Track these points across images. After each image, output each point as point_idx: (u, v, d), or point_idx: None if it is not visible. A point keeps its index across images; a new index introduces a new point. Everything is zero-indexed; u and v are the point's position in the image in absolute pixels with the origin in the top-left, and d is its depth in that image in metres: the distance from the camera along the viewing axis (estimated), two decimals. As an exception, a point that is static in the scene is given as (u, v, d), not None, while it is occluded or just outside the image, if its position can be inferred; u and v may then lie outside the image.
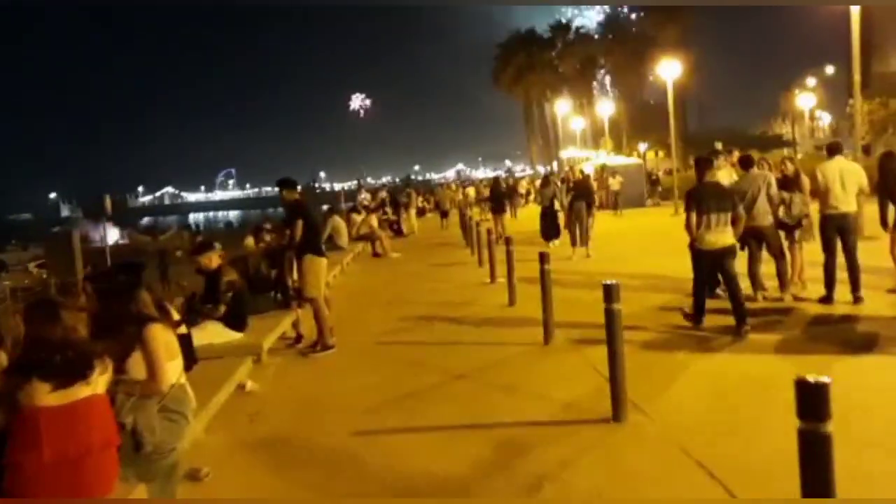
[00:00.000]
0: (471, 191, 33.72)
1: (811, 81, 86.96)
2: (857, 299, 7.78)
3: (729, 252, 7.24)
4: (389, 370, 7.02)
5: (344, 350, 7.90)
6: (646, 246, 15.37)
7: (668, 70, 23.55)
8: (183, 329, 5.94)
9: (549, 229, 16.46)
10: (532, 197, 32.41)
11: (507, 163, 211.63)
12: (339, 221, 15.40)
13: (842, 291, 7.95)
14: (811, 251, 8.68)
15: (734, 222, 7.25)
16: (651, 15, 48.08)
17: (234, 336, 7.13)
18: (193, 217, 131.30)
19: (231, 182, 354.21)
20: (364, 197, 24.45)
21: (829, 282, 7.92)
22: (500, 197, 20.41)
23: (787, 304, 8.16)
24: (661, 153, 69.67)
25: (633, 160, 31.36)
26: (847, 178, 7.75)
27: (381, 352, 7.86)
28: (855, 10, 13.45)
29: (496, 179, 22.58)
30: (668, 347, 6.92)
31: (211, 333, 6.90)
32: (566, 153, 62.22)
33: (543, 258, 7.71)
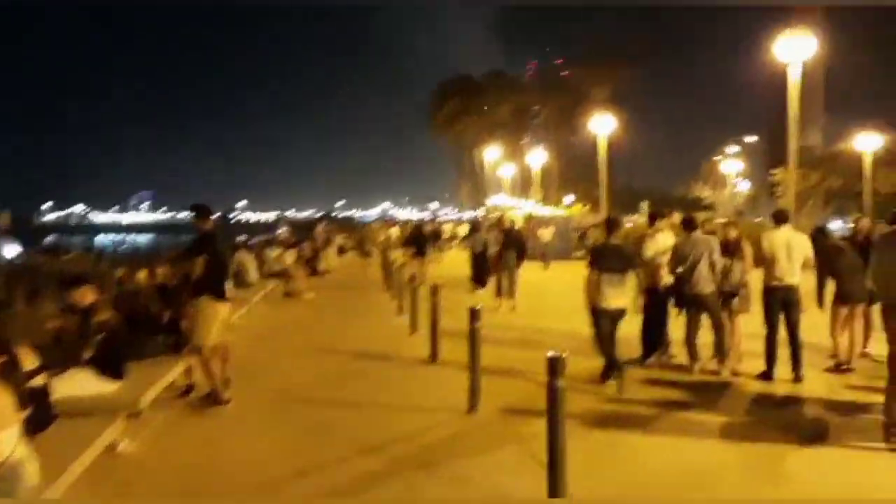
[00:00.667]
0: (394, 231, 32.97)
1: (732, 149, 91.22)
2: (797, 377, 7.35)
3: (622, 313, 7.61)
4: (290, 435, 6.10)
5: (241, 405, 6.94)
6: (576, 302, 14.85)
7: (602, 124, 23.57)
8: (40, 380, 4.95)
9: (481, 274, 16.65)
10: (456, 241, 31.84)
11: (434, 205, 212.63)
12: (245, 257, 14.32)
13: (780, 368, 7.52)
14: (745, 323, 8.28)
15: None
16: (586, 71, 49.01)
17: (107, 386, 6.05)
18: (102, 239, 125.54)
19: (145, 205, 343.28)
20: (282, 231, 23.34)
21: (771, 357, 7.47)
22: (421, 241, 19.83)
23: (723, 379, 7.66)
24: (587, 207, 70.88)
25: (563, 212, 31.34)
26: (793, 249, 7.37)
27: (284, 411, 6.91)
28: (795, 79, 13.48)
29: (418, 224, 22.11)
30: (603, 424, 6.25)
31: (78, 383, 5.81)
32: (494, 200, 62.48)
33: (474, 315, 7.04)
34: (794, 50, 12.91)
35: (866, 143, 24.50)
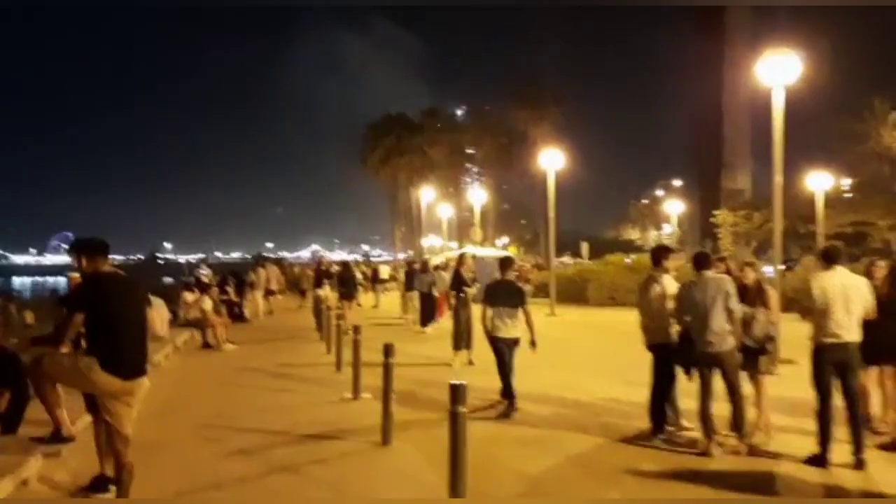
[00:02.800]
0: (332, 268, 30.92)
1: (659, 192, 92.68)
2: (859, 463, 5.73)
3: (515, 343, 8.30)
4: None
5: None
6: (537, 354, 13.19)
7: (550, 160, 22.26)
8: None
9: (429, 314, 16.93)
10: (396, 283, 29.75)
11: (364, 247, 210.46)
12: (156, 303, 12.07)
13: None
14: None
15: None
16: (521, 111, 48.24)
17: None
18: (19, 281, 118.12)
19: (65, 247, 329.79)
20: (204, 273, 20.99)
21: (825, 436, 5.83)
22: (350, 282, 18.32)
23: (763, 467, 5.99)
24: (520, 249, 70.13)
25: (505, 252, 29.84)
26: (851, 298, 5.77)
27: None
28: (779, 104, 12.29)
29: (346, 264, 20.33)
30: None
31: None
32: (428, 241, 60.89)
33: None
34: (778, 71, 11.68)
35: (818, 181, 23.94)
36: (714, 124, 61.23)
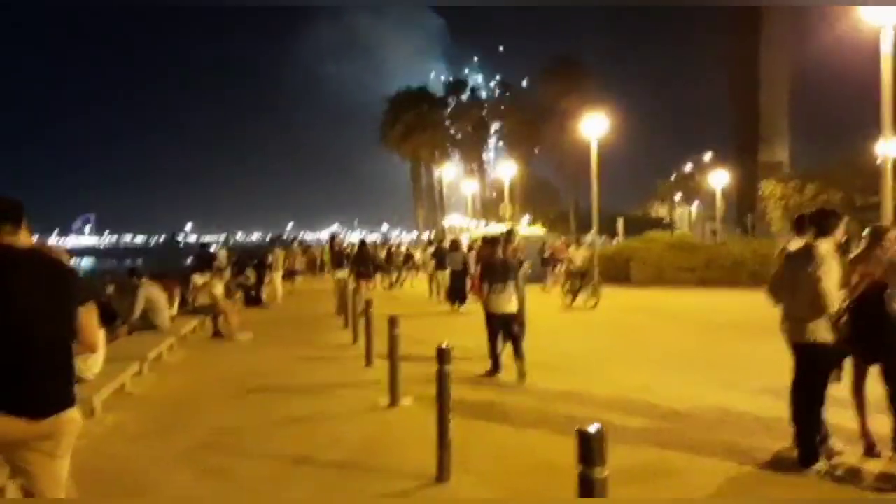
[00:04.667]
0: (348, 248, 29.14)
1: (688, 167, 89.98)
2: None
3: (511, 318, 8.47)
4: None
5: None
6: (600, 346, 11.45)
7: (593, 126, 20.33)
8: None
9: (460, 293, 16.49)
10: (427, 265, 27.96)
11: (385, 226, 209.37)
12: (154, 292, 10.43)
13: None
14: None
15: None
16: (550, 85, 46.11)
17: None
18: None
19: (88, 228, 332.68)
20: (214, 251, 19.39)
21: None
22: (367, 261, 16.75)
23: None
24: (545, 228, 67.91)
25: (536, 231, 28.07)
26: None
27: None
28: (887, 49, 10.36)
29: (362, 242, 18.50)
30: None
31: None
32: (450, 220, 59.10)
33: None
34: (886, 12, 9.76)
35: (887, 148, 21.72)
36: (751, 97, 58.52)
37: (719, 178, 37.38)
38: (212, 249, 20.16)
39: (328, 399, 7.41)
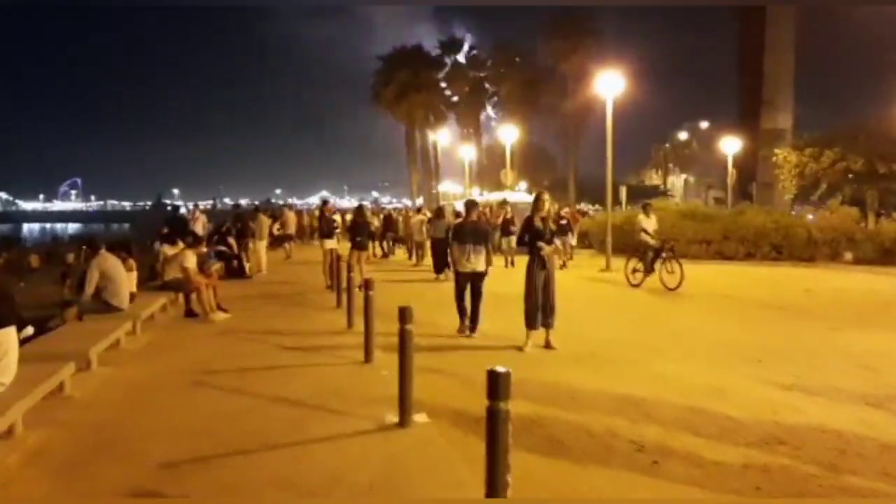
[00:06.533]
0: (338, 217, 27.19)
1: (683, 135, 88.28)
2: None
3: (480, 276, 9.15)
4: None
5: None
6: (619, 328, 9.91)
7: (609, 85, 18.55)
8: None
9: (443, 261, 16.01)
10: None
11: (374, 194, 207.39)
12: (110, 266, 8.74)
13: None
14: None
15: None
16: (551, 43, 44.01)
17: None
18: (28, 227, 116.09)
19: (74, 193, 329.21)
20: (195, 219, 17.72)
21: None
22: (364, 230, 14.94)
23: None
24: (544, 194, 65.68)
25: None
26: None
27: None
28: None
29: (359, 208, 16.46)
30: None
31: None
32: (444, 186, 57.23)
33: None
34: None
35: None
36: (756, 62, 56.53)
37: (730, 145, 35.63)
38: (194, 216, 18.48)
39: (318, 412, 5.79)
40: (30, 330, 5.60)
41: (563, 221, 19.73)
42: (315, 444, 4.96)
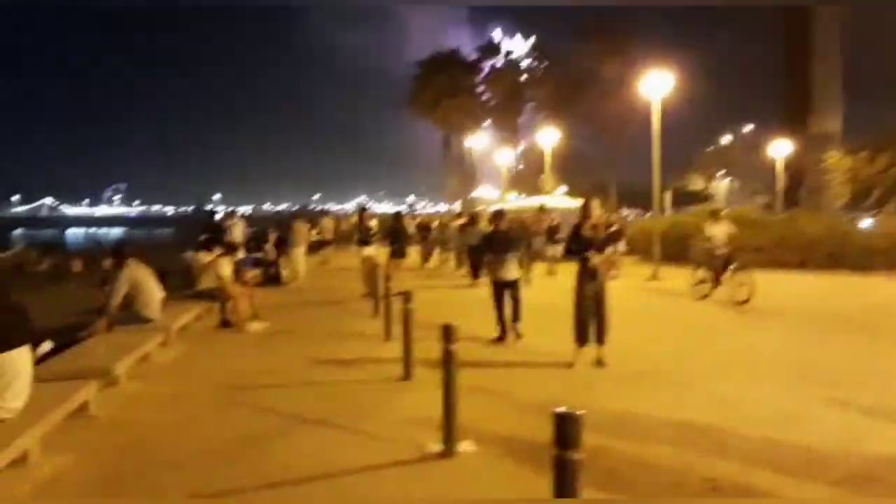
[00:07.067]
0: (374, 223, 26.73)
1: (726, 139, 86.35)
2: None
3: (515, 283, 9.12)
4: None
5: None
6: (674, 344, 9.30)
7: (656, 85, 17.90)
8: None
9: (476, 267, 16.16)
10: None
11: (410, 199, 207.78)
12: (140, 275, 8.44)
13: None
14: None
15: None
16: (590, 46, 43.32)
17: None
18: (72, 232, 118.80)
19: (118, 197, 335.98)
20: (232, 225, 17.51)
21: None
22: (401, 236, 14.62)
23: None
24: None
25: (578, 202, 25.73)
26: None
27: None
28: None
29: (397, 215, 16.01)
30: None
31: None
32: (478, 192, 56.69)
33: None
34: None
35: None
36: (803, 65, 55.03)
37: (780, 149, 34.51)
38: (229, 223, 18.28)
39: (354, 436, 5.36)
40: (47, 346, 5.25)
41: (614, 228, 19.01)
42: (350, 477, 4.52)
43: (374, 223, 18.58)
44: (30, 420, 4.50)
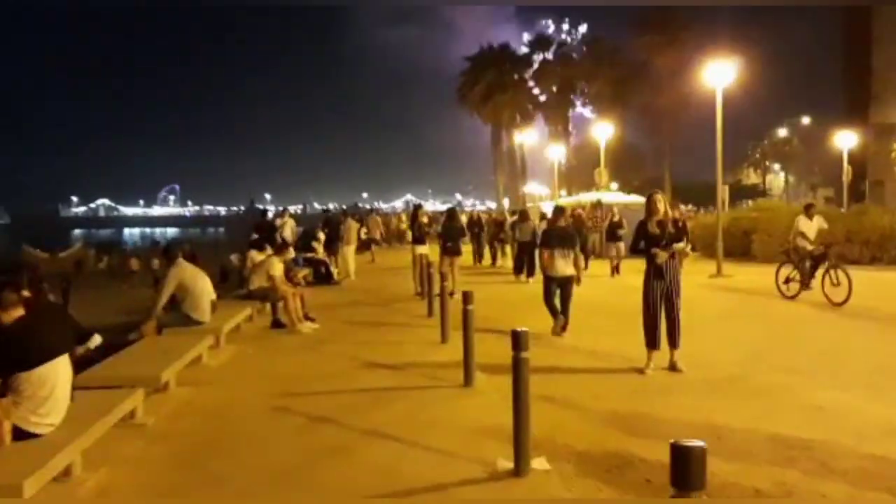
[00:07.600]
0: (424, 219, 26.07)
1: (783, 131, 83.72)
2: None
3: (569, 280, 9.14)
4: None
5: None
6: (753, 346, 8.65)
7: (719, 74, 17.11)
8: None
9: (529, 265, 16.12)
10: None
11: (458, 196, 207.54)
12: (189, 275, 8.18)
13: None
14: None
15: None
16: (644, 37, 42.26)
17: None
18: (129, 232, 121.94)
19: (172, 198, 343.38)
20: (283, 224, 17.35)
21: None
22: (455, 234, 13.97)
23: None
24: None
25: (635, 197, 24.95)
26: None
27: None
28: None
29: (451, 212, 15.28)
30: None
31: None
32: (528, 188, 55.93)
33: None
34: None
35: None
36: (862, 51, 52.78)
37: (846, 140, 33.03)
38: (279, 222, 18.14)
39: (415, 451, 4.93)
40: (97, 340, 4.94)
41: (681, 224, 18.23)
42: (417, 497, 4.11)
43: (425, 220, 18.18)
44: (72, 433, 4.20)
